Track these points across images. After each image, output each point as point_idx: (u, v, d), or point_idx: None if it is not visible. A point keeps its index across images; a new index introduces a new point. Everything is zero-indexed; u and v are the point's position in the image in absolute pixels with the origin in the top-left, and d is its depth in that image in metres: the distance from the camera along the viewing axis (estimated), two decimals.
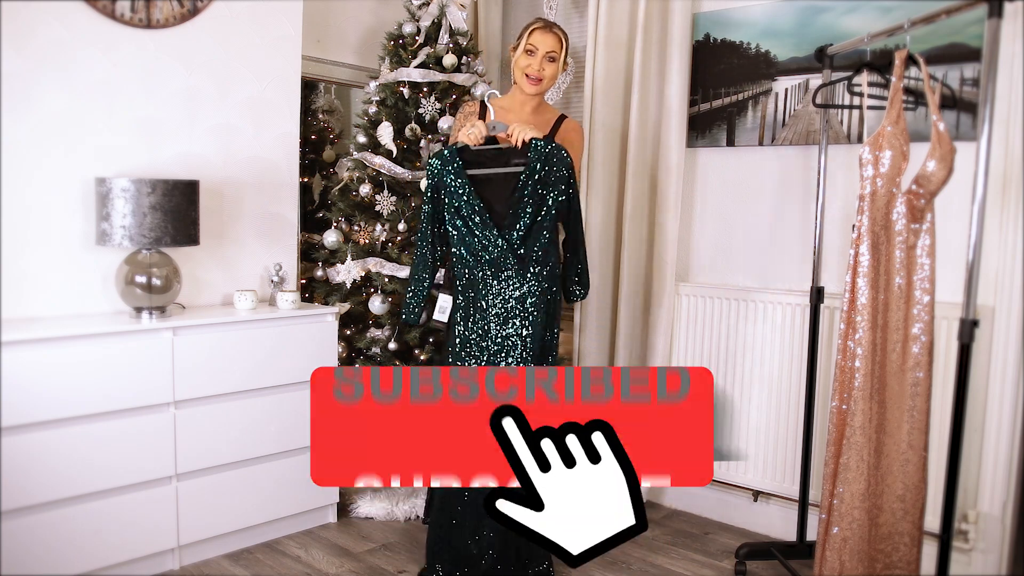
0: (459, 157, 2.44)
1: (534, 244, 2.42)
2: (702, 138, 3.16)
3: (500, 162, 2.44)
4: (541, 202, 2.41)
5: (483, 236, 2.42)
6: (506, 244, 2.40)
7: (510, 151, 2.43)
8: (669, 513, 3.23)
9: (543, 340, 2.47)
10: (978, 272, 1.88)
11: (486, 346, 2.45)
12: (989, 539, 2.49)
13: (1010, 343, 2.44)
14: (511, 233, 2.40)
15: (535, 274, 2.44)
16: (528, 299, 2.44)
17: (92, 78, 2.59)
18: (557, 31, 2.62)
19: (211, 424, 2.65)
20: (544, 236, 2.43)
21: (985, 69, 1.85)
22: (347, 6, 3.61)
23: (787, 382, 2.91)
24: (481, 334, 2.46)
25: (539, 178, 2.40)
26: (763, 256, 3.05)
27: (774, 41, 2.95)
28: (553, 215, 2.43)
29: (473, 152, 2.45)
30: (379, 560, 2.74)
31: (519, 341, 2.44)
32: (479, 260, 2.44)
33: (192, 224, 2.62)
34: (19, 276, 2.49)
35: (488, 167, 2.44)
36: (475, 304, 2.47)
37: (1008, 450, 2.45)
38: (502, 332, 2.45)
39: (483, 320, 2.46)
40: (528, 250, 2.42)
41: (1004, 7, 1.84)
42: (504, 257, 2.42)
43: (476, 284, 2.46)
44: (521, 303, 2.44)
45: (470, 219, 2.42)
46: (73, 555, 2.38)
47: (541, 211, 2.41)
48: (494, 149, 2.45)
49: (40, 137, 2.51)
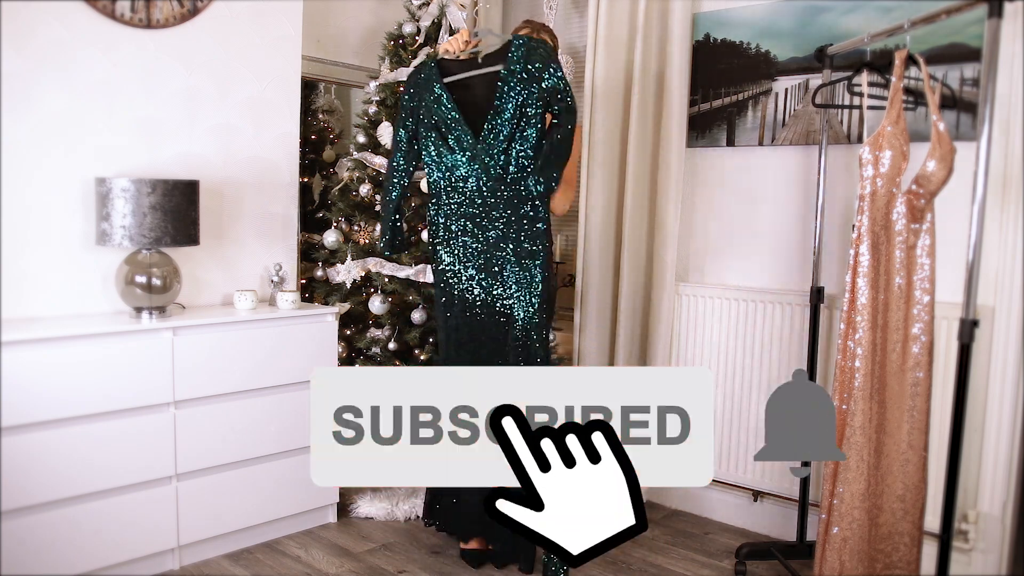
0: (436, 67, 2.37)
1: (516, 156, 2.31)
2: (702, 138, 3.16)
3: (479, 66, 2.34)
4: (523, 104, 2.28)
5: (459, 148, 2.31)
6: (485, 156, 2.29)
7: (490, 55, 2.34)
8: (669, 513, 3.23)
9: (529, 259, 2.35)
10: (978, 272, 1.88)
11: (474, 250, 2.38)
12: (989, 539, 2.49)
13: (1010, 343, 2.44)
14: (488, 140, 2.29)
15: (515, 196, 2.33)
16: (508, 224, 2.34)
17: (92, 78, 2.59)
18: (544, 28, 2.67)
19: (211, 424, 2.65)
20: (528, 146, 2.30)
21: (985, 69, 1.85)
22: (347, 6, 3.61)
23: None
24: (464, 250, 2.39)
25: (520, 76, 2.28)
26: (763, 256, 3.05)
27: (774, 41, 2.95)
28: (539, 119, 2.29)
29: (452, 62, 2.37)
30: (379, 560, 2.74)
31: (501, 261, 2.36)
32: (453, 183, 2.36)
33: (192, 224, 2.62)
34: (19, 276, 2.49)
35: (467, 71, 2.34)
36: (452, 231, 2.41)
37: (1008, 450, 2.45)
38: (488, 240, 2.37)
39: (464, 234, 2.39)
40: (509, 162, 2.31)
41: (1004, 7, 1.85)
42: (482, 173, 2.32)
43: (452, 208, 2.39)
44: (502, 228, 2.35)
45: (446, 129, 2.32)
46: (73, 555, 2.38)
47: (524, 116, 2.29)
48: (473, 59, 2.35)
49: (40, 137, 2.51)
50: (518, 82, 2.28)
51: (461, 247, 2.42)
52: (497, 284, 2.40)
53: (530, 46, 2.31)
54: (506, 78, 2.29)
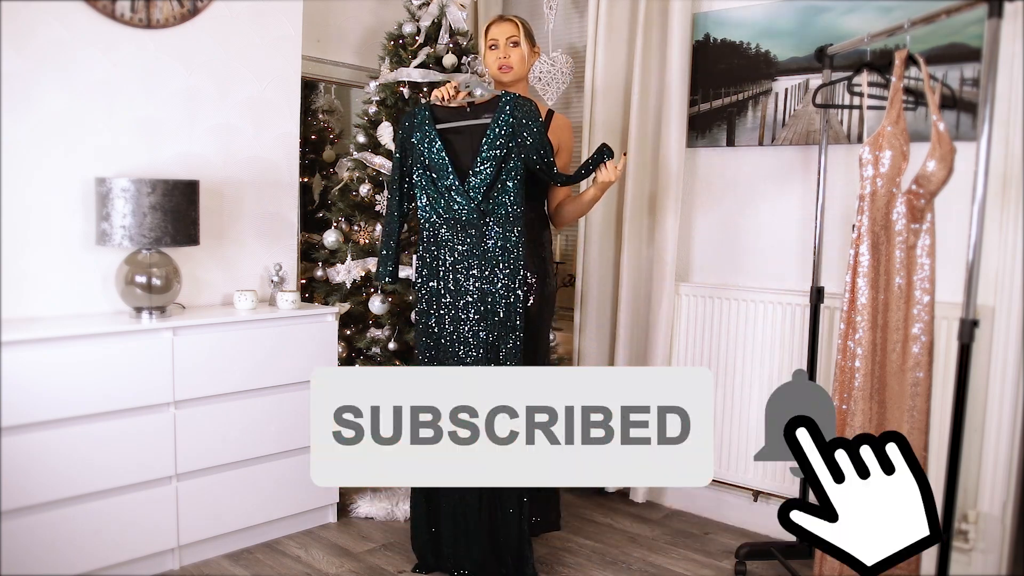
0: (429, 113, 2.49)
1: (497, 199, 2.42)
2: (702, 138, 3.16)
3: (470, 116, 2.47)
4: (505, 154, 2.41)
5: (445, 189, 2.43)
6: (467, 197, 2.42)
7: (481, 106, 2.47)
8: (669, 513, 3.23)
9: (507, 298, 2.43)
10: (978, 272, 1.88)
11: (450, 301, 2.47)
12: (989, 539, 2.49)
13: (1010, 343, 2.44)
14: (472, 184, 2.41)
15: (498, 229, 2.44)
16: (490, 254, 2.44)
17: (92, 78, 2.59)
18: (511, 18, 2.75)
19: (211, 424, 2.65)
20: (508, 193, 2.42)
21: (985, 69, 1.85)
22: (347, 6, 3.61)
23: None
24: (445, 288, 2.48)
25: (507, 130, 2.41)
26: (763, 256, 3.05)
27: (774, 41, 2.95)
28: (518, 168, 2.42)
29: (444, 110, 2.50)
30: (379, 560, 2.74)
31: (480, 298, 2.45)
32: (441, 217, 2.47)
33: (192, 224, 2.62)
34: (19, 276, 2.49)
35: (457, 121, 2.48)
36: (438, 260, 2.49)
37: (1008, 450, 2.45)
38: (465, 285, 2.46)
39: (447, 274, 2.48)
40: (490, 203, 2.43)
41: (1004, 7, 1.85)
42: (466, 212, 2.43)
43: (439, 241, 2.48)
44: (482, 258, 2.45)
45: (435, 172, 2.45)
46: (73, 555, 2.38)
47: (504, 164, 2.41)
48: (465, 107, 2.49)
49: (40, 137, 2.51)
50: (503, 136, 2.41)
51: (446, 278, 2.50)
52: (482, 319, 2.46)
53: (517, 103, 2.44)
54: (493, 130, 2.42)
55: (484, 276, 2.44)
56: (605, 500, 3.33)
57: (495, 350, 2.45)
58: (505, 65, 2.70)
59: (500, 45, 2.71)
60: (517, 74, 2.72)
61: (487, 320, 2.45)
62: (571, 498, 3.32)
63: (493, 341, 2.45)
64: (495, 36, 2.72)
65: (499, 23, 2.74)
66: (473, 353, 2.46)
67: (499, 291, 2.43)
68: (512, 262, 2.43)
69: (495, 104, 2.45)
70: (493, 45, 2.72)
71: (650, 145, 3.18)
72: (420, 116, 2.49)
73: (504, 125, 2.41)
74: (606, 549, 2.87)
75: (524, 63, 2.73)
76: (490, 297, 2.44)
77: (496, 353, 2.45)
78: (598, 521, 3.13)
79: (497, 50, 2.71)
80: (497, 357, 2.45)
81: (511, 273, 2.43)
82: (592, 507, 3.26)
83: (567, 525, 3.03)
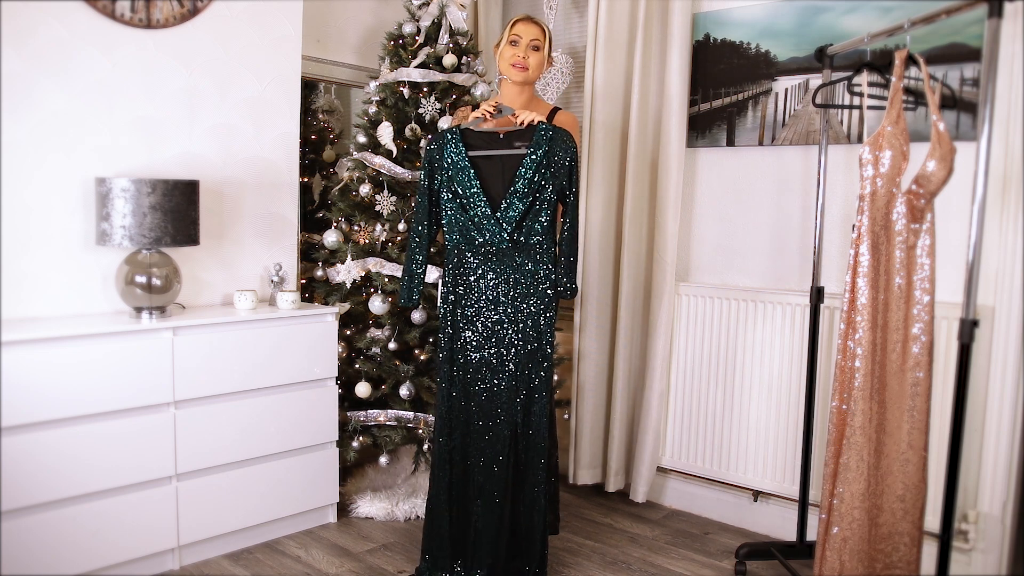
0: (461, 138, 2.43)
1: (529, 229, 2.40)
2: (702, 138, 3.16)
3: (503, 144, 2.43)
4: (540, 187, 2.39)
5: (477, 218, 2.40)
6: (500, 227, 2.38)
7: (513, 133, 2.43)
8: (669, 513, 3.23)
9: (537, 327, 2.43)
10: (978, 272, 1.88)
11: (477, 328, 2.44)
12: (989, 539, 2.49)
13: (1010, 343, 2.44)
14: (506, 215, 2.38)
15: (528, 260, 2.42)
16: (520, 285, 2.42)
17: (92, 78, 2.59)
18: (539, 22, 2.71)
19: (211, 424, 2.65)
20: (540, 222, 2.41)
21: (985, 69, 1.85)
22: (347, 6, 3.61)
23: (787, 382, 2.91)
24: (472, 317, 2.45)
25: (542, 162, 2.38)
26: (763, 256, 3.05)
27: (774, 41, 2.95)
28: (551, 201, 2.41)
29: (475, 135, 2.45)
30: (379, 560, 2.74)
31: (511, 327, 2.42)
32: (471, 244, 2.43)
33: (192, 224, 2.62)
34: (19, 276, 2.49)
35: (490, 149, 2.43)
36: (464, 286, 2.45)
37: (1008, 450, 2.45)
38: (493, 316, 2.44)
39: (476, 303, 2.45)
40: (521, 235, 2.40)
41: (1004, 7, 1.85)
42: (497, 241, 2.40)
43: (467, 269, 2.45)
44: (513, 288, 2.43)
45: (466, 200, 2.40)
46: (73, 555, 2.38)
47: (539, 196, 2.39)
48: (497, 133, 2.44)
49: (40, 137, 2.51)
50: (541, 168, 2.38)
51: (473, 308, 2.46)
52: (504, 350, 2.44)
53: (557, 138, 2.40)
54: (532, 163, 2.38)
55: (513, 304, 2.42)
56: (605, 500, 3.33)
57: (524, 380, 2.43)
58: (521, 64, 2.68)
59: (521, 44, 2.70)
60: (529, 77, 2.71)
61: (514, 348, 2.43)
62: (571, 498, 3.32)
63: (522, 371, 2.42)
64: (519, 33, 2.71)
65: (527, 23, 2.73)
66: (497, 382, 2.43)
67: (526, 320, 2.41)
68: (540, 293, 2.42)
69: (530, 134, 2.41)
70: (514, 41, 2.71)
71: (650, 145, 3.18)
72: (451, 140, 2.44)
73: (543, 157, 2.38)
74: (606, 549, 2.87)
75: (538, 70, 2.73)
76: (518, 325, 2.42)
77: (527, 384, 2.42)
78: (598, 521, 3.13)
79: (517, 48, 2.70)
80: (528, 387, 2.42)
81: (538, 302, 2.42)
82: (592, 507, 3.26)
83: (567, 525, 3.03)
